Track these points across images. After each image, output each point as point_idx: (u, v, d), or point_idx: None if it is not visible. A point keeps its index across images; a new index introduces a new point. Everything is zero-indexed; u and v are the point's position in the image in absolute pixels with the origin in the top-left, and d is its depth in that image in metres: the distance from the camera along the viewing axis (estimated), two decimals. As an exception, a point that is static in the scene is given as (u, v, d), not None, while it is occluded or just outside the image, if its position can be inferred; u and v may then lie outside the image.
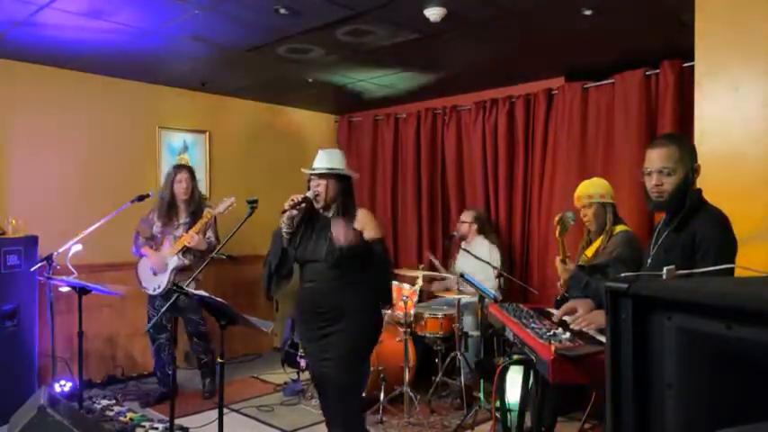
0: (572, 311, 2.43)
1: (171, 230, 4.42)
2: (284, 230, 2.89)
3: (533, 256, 5.10)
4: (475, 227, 4.89)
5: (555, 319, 2.51)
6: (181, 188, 4.41)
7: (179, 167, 4.57)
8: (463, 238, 4.90)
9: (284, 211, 2.83)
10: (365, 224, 2.87)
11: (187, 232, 4.31)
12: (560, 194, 4.79)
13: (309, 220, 2.94)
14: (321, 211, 2.91)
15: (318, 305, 2.85)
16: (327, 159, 2.91)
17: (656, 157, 2.24)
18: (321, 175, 2.87)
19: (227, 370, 3.39)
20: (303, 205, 2.84)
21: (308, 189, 2.90)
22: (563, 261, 3.11)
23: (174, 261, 4.34)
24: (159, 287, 4.36)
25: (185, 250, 4.34)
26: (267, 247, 2.97)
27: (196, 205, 4.46)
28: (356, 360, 2.92)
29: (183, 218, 4.44)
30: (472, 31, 3.84)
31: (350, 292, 2.83)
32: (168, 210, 4.43)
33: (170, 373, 4.67)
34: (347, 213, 2.87)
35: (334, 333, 2.83)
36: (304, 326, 2.98)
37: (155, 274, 4.38)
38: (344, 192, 2.91)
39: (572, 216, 3.16)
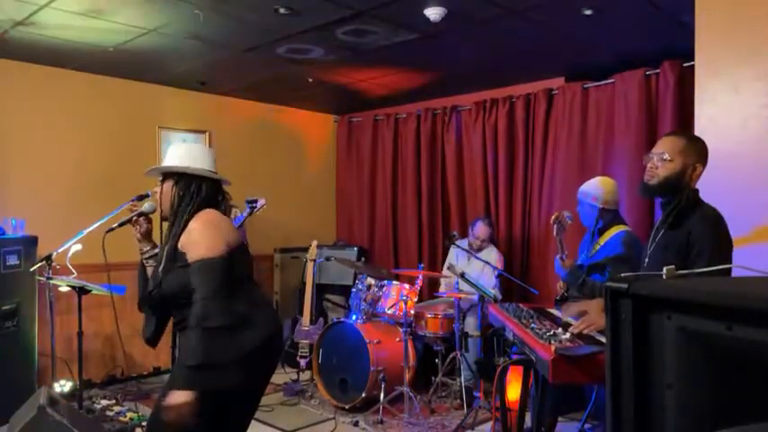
0: (584, 314, 2.41)
1: None
2: (144, 254, 2.27)
3: (533, 256, 5.09)
4: (488, 241, 4.85)
5: (563, 318, 2.51)
6: None
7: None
8: (479, 249, 4.80)
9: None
10: (190, 240, 2.06)
11: None
12: (560, 194, 4.79)
13: None
14: None
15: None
16: (170, 156, 2.18)
17: (660, 143, 2.31)
18: (162, 178, 2.19)
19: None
20: (141, 219, 2.24)
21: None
22: (561, 258, 3.13)
23: None
24: None
25: None
26: (267, 246, 2.88)
27: (225, 205, 4.47)
28: None
29: None
30: (472, 31, 3.84)
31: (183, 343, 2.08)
32: None
33: None
34: (173, 226, 2.10)
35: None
36: None
37: None
38: (181, 196, 2.13)
39: (569, 216, 3.17)
